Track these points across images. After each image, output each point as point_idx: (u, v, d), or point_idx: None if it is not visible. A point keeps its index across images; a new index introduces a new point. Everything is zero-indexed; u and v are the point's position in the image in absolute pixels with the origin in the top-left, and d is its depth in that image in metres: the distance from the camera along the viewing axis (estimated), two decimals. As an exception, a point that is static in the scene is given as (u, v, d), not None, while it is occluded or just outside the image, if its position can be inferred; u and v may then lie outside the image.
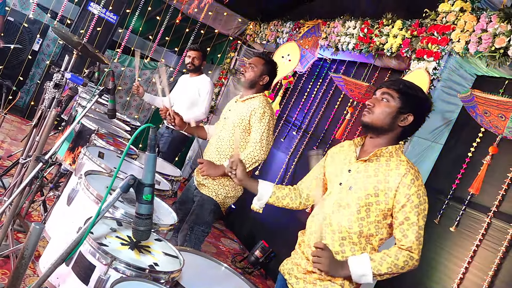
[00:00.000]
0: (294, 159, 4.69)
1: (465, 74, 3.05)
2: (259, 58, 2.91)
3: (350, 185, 1.81)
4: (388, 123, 1.79)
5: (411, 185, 1.72)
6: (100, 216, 1.30)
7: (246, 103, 2.84)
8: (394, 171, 1.75)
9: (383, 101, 1.80)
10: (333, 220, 1.81)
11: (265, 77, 2.87)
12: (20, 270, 1.19)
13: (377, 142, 1.84)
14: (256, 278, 4.19)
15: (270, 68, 2.90)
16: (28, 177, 2.07)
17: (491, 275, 2.48)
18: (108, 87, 2.36)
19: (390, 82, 1.84)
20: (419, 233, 1.72)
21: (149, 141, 1.36)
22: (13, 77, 5.87)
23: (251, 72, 2.86)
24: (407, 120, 1.80)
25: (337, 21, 4.36)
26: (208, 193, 2.82)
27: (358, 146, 1.93)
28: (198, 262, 1.85)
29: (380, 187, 1.75)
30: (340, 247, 1.79)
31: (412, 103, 1.79)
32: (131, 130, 3.47)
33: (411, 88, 1.82)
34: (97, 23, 5.96)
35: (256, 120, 2.74)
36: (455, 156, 3.03)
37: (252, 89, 2.87)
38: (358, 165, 1.83)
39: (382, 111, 1.79)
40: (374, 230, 1.78)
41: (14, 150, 4.65)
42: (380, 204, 1.75)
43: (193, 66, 4.29)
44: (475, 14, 2.87)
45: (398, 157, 1.80)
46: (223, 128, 2.87)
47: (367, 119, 1.82)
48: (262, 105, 2.77)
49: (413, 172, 1.75)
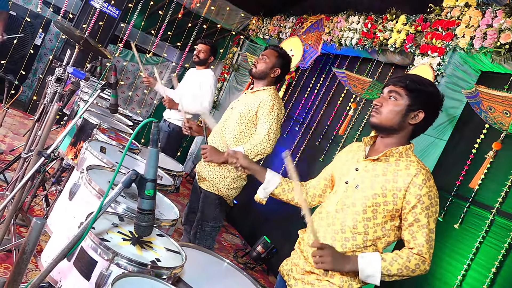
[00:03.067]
0: (297, 155, 4.68)
1: (469, 70, 3.03)
2: (272, 50, 2.88)
3: (357, 184, 1.75)
4: (397, 122, 1.72)
5: (423, 186, 1.65)
6: (102, 211, 1.29)
7: (256, 94, 2.81)
8: (404, 171, 1.68)
9: (391, 99, 1.73)
10: (337, 219, 1.75)
11: (277, 69, 2.84)
12: (22, 265, 1.19)
13: (388, 141, 1.77)
14: (258, 273, 4.20)
15: (283, 61, 2.86)
16: (30, 172, 2.07)
17: (493, 272, 2.47)
18: (110, 82, 2.34)
19: (396, 79, 1.76)
20: (429, 236, 1.65)
21: (152, 136, 1.35)
22: (16, 71, 5.86)
23: (263, 63, 2.83)
24: (418, 117, 1.72)
25: (341, 16, 4.33)
26: (209, 188, 2.80)
27: (368, 145, 1.85)
28: (200, 257, 1.84)
29: (388, 187, 1.68)
30: (342, 249, 1.72)
31: (421, 99, 1.71)
32: (133, 125, 3.46)
33: (419, 83, 1.73)
34: (99, 17, 5.94)
35: (264, 113, 2.71)
36: (459, 152, 3.01)
37: (262, 80, 2.85)
38: (366, 164, 1.77)
39: (391, 111, 1.72)
40: (381, 232, 1.72)
41: (16, 145, 4.65)
42: (388, 205, 1.68)
43: (198, 59, 4.27)
44: (480, 9, 2.84)
45: (408, 157, 1.73)
46: (229, 117, 2.85)
47: (375, 120, 1.75)
48: (271, 97, 2.74)
49: (425, 173, 1.68)
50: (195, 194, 3.00)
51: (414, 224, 1.66)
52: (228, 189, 2.80)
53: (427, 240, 1.64)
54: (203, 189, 2.84)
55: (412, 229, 1.66)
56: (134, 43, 2.84)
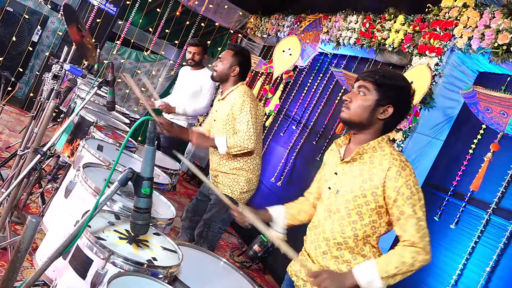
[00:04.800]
0: (293, 154, 4.68)
1: (467, 70, 3.03)
2: (228, 50, 2.90)
3: (337, 189, 1.74)
4: (366, 117, 1.69)
5: (398, 177, 1.62)
6: (98, 209, 1.28)
7: (226, 100, 2.84)
8: (378, 167, 1.66)
9: (360, 94, 1.71)
10: (326, 227, 1.76)
11: (235, 67, 2.84)
12: (16, 263, 1.18)
13: (360, 138, 1.75)
14: (254, 272, 4.20)
15: (240, 58, 2.87)
16: (26, 169, 2.06)
17: (488, 272, 2.48)
18: (107, 79, 2.34)
19: (366, 74, 1.73)
20: (419, 225, 1.61)
21: (148, 134, 1.34)
22: (13, 68, 5.83)
23: (220, 65, 2.85)
24: (387, 112, 1.69)
25: (339, 15, 4.33)
26: (224, 191, 2.82)
27: (342, 146, 1.84)
28: (197, 256, 1.84)
29: (365, 186, 1.67)
30: (338, 252, 1.74)
31: (390, 94, 1.68)
32: (130, 122, 3.45)
33: (388, 78, 1.70)
34: (97, 14, 5.92)
35: (237, 111, 2.73)
36: (456, 152, 3.02)
37: (226, 82, 2.87)
38: (343, 167, 1.76)
39: (359, 106, 1.69)
40: (370, 231, 1.71)
41: (12, 142, 4.63)
42: (370, 203, 1.67)
43: (194, 62, 4.27)
44: (478, 9, 2.84)
45: (381, 150, 1.70)
46: (215, 127, 2.89)
47: (344, 115, 1.73)
48: (240, 94, 2.76)
49: (398, 164, 1.64)
50: (203, 195, 3.02)
51: (401, 217, 1.63)
52: (241, 192, 2.84)
53: (417, 230, 1.61)
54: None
55: (400, 222, 1.64)
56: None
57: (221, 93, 2.92)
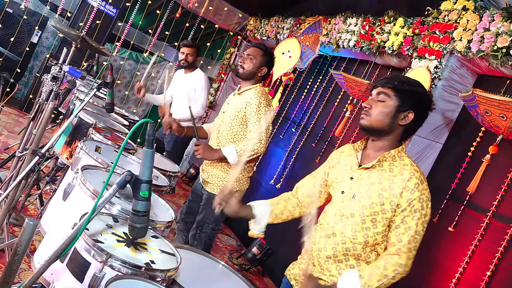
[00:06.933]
0: (293, 156, 4.67)
1: (466, 73, 3.03)
2: (257, 49, 2.86)
3: (353, 193, 1.73)
4: (388, 123, 1.70)
5: (415, 190, 1.65)
6: (96, 212, 1.28)
7: (243, 95, 2.81)
8: (398, 177, 1.67)
9: (379, 101, 1.71)
10: (337, 230, 1.75)
11: (264, 68, 2.83)
12: (13, 266, 1.17)
13: (379, 144, 1.76)
14: (253, 275, 4.18)
15: (268, 59, 2.86)
16: (25, 171, 2.05)
17: (488, 275, 2.47)
18: (106, 81, 2.33)
19: (384, 80, 1.74)
20: (414, 237, 1.64)
21: (147, 137, 1.33)
22: (12, 69, 5.82)
23: (250, 63, 2.81)
24: (408, 117, 1.71)
25: (338, 18, 4.33)
26: (213, 191, 2.80)
27: (359, 151, 1.84)
28: (195, 260, 1.83)
29: (385, 194, 1.67)
30: (344, 256, 1.74)
31: (410, 99, 1.70)
32: (129, 124, 3.45)
33: (407, 84, 1.72)
34: (97, 15, 5.92)
35: (252, 112, 2.70)
36: (455, 155, 3.01)
37: (250, 80, 2.84)
38: (361, 172, 1.75)
39: (380, 112, 1.70)
40: (381, 239, 1.71)
41: (11, 143, 4.62)
42: (387, 212, 1.68)
43: (187, 63, 4.25)
44: (478, 12, 2.84)
45: (401, 160, 1.72)
46: (222, 122, 2.85)
47: (365, 122, 1.73)
48: (257, 95, 2.73)
49: (418, 176, 1.67)
50: (195, 195, 3.00)
51: (401, 226, 1.65)
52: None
53: (410, 241, 1.64)
54: (206, 191, 2.84)
55: (398, 231, 1.66)
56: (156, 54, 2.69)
57: (238, 88, 2.89)
